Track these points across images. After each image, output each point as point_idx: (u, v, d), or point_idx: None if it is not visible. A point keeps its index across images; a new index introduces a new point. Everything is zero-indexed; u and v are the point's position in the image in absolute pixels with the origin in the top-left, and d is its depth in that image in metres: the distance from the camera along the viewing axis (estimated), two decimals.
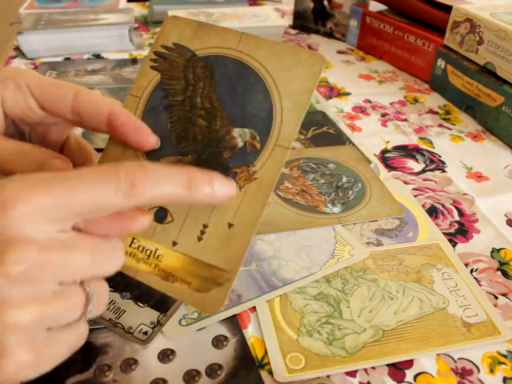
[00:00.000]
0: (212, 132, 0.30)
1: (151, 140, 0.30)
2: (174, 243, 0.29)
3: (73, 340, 0.24)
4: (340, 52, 0.81)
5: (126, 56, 0.77)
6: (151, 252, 0.29)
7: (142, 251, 0.29)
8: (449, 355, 0.32)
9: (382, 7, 0.79)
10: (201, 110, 0.30)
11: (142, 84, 0.31)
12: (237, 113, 0.30)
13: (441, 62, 0.66)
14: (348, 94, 0.67)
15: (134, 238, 0.30)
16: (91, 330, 0.32)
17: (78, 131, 0.33)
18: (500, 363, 0.31)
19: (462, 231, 0.42)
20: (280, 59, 0.29)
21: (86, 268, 0.22)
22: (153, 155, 0.30)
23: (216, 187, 0.26)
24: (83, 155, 0.34)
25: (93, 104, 0.29)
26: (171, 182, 0.24)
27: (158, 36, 0.32)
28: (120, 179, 0.22)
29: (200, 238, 0.29)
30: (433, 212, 0.44)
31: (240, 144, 0.29)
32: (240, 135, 0.30)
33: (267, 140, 0.29)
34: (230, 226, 0.28)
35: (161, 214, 0.30)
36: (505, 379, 0.30)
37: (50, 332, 0.22)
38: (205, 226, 0.29)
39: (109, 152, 0.31)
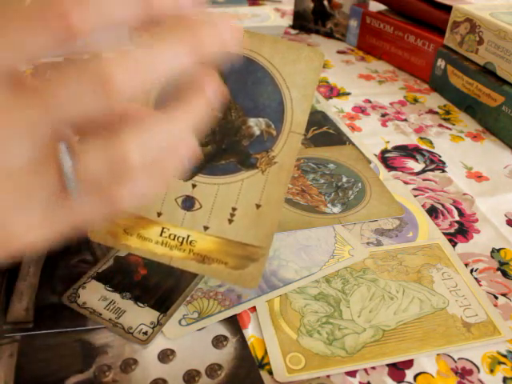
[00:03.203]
0: (228, 123, 0.32)
1: None
2: (206, 228, 0.31)
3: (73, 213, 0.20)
4: (340, 52, 0.81)
5: None
6: (183, 239, 0.31)
7: (173, 239, 0.31)
8: (449, 355, 0.32)
9: (382, 7, 0.79)
10: None
11: None
12: (249, 104, 0.32)
13: (441, 62, 0.66)
14: (348, 94, 0.67)
15: (163, 228, 0.31)
16: (91, 330, 0.32)
17: None
18: (500, 363, 0.31)
19: (461, 231, 0.42)
20: (283, 55, 0.32)
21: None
22: None
23: None
24: None
25: None
26: None
27: None
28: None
29: (231, 221, 0.30)
30: (433, 212, 0.44)
31: (257, 132, 0.31)
32: (256, 124, 0.31)
33: (282, 127, 0.31)
34: (258, 206, 0.30)
35: (188, 203, 0.31)
36: (505, 379, 0.30)
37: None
38: (234, 209, 0.30)
39: None
